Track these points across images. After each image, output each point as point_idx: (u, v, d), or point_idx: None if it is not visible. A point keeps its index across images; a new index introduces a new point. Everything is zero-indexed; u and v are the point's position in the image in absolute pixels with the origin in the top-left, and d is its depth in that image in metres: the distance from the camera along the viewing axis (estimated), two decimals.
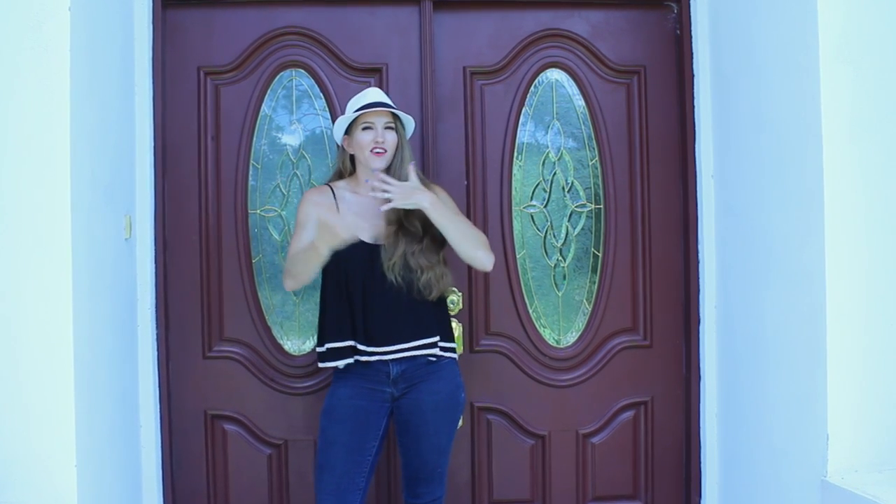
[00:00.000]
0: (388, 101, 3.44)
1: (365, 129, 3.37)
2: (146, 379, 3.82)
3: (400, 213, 3.31)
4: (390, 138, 3.37)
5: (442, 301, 3.47)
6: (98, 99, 3.25)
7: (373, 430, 3.36)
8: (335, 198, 3.45)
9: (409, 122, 3.48)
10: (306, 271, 3.33)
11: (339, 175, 3.54)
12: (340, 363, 3.35)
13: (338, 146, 3.55)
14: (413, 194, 3.27)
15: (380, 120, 3.37)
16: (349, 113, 3.41)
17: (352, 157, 3.48)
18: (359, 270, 3.32)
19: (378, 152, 3.36)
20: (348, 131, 3.44)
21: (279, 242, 3.98)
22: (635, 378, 4.12)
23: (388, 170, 3.38)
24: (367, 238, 3.35)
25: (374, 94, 3.47)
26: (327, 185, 3.53)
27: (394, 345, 3.33)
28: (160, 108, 3.85)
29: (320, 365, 3.43)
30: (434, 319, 3.40)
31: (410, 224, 3.33)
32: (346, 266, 3.32)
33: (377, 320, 3.32)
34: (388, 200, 3.26)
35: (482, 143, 4.05)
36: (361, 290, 3.33)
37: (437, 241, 3.37)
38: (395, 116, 3.41)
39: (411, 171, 3.33)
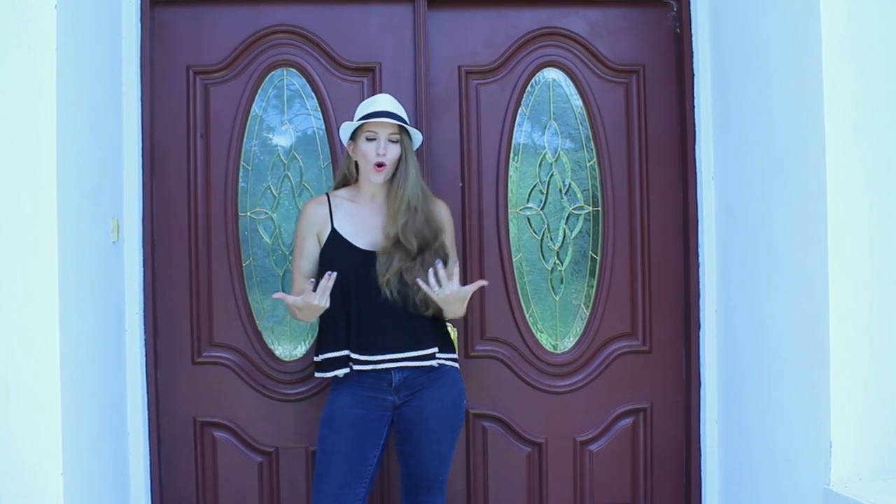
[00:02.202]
0: (398, 111, 3.41)
1: (369, 139, 3.36)
2: (134, 385, 3.78)
3: (398, 228, 3.30)
4: (393, 151, 3.34)
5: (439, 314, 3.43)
6: (85, 99, 3.23)
7: (374, 439, 3.34)
8: (330, 207, 3.43)
9: (417, 136, 3.45)
10: (306, 320, 3.42)
11: (343, 181, 3.54)
12: (338, 373, 3.34)
13: (345, 150, 3.54)
14: (457, 300, 3.27)
15: (384, 131, 3.35)
16: (356, 119, 3.40)
17: (356, 163, 3.46)
18: (354, 278, 3.31)
19: (377, 169, 3.34)
20: (353, 137, 3.42)
21: (270, 245, 3.94)
22: (634, 384, 4.08)
23: (391, 180, 3.38)
24: (362, 245, 3.35)
25: (382, 101, 3.44)
26: (326, 194, 3.52)
27: (388, 354, 3.31)
28: (148, 109, 3.82)
29: (316, 375, 3.43)
30: (431, 330, 3.38)
31: (406, 241, 3.30)
32: (343, 274, 3.28)
33: (371, 329, 3.31)
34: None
35: (477, 144, 4.01)
36: (357, 296, 3.31)
37: (434, 258, 3.32)
38: (402, 128, 3.38)
39: (455, 270, 3.28)
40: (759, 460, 3.62)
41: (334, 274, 3.16)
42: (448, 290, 3.22)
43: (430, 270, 3.23)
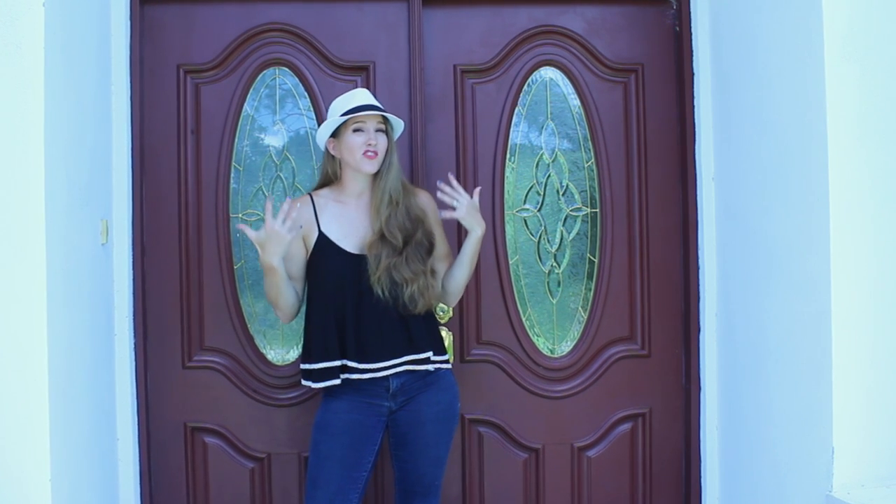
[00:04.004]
0: (377, 103, 3.39)
1: (356, 130, 3.31)
2: (123, 390, 3.75)
3: (381, 222, 3.29)
4: (381, 141, 3.32)
5: (430, 313, 3.41)
6: (74, 98, 3.21)
7: (369, 445, 3.31)
8: (315, 209, 3.38)
9: (399, 126, 3.43)
10: (277, 294, 3.31)
11: (325, 181, 3.47)
12: (330, 383, 3.26)
13: (324, 152, 3.46)
14: (476, 214, 3.38)
15: (371, 122, 3.32)
16: (336, 114, 3.34)
17: (339, 162, 3.41)
18: (346, 282, 3.27)
19: (370, 155, 3.29)
20: (335, 134, 3.37)
21: None
22: (633, 389, 4.05)
23: (375, 175, 3.35)
24: (352, 249, 3.30)
25: (362, 95, 3.41)
26: (308, 194, 3.46)
27: (387, 360, 3.26)
28: (138, 108, 3.80)
29: (310, 385, 3.32)
30: (424, 331, 3.34)
31: (391, 235, 3.28)
32: (333, 278, 3.26)
33: (368, 334, 3.27)
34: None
35: (473, 144, 3.99)
36: (351, 303, 3.27)
37: (420, 250, 3.33)
38: (386, 119, 3.36)
39: (476, 194, 3.39)
40: (760, 466, 3.60)
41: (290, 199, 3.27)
42: (465, 202, 3.33)
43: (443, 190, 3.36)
